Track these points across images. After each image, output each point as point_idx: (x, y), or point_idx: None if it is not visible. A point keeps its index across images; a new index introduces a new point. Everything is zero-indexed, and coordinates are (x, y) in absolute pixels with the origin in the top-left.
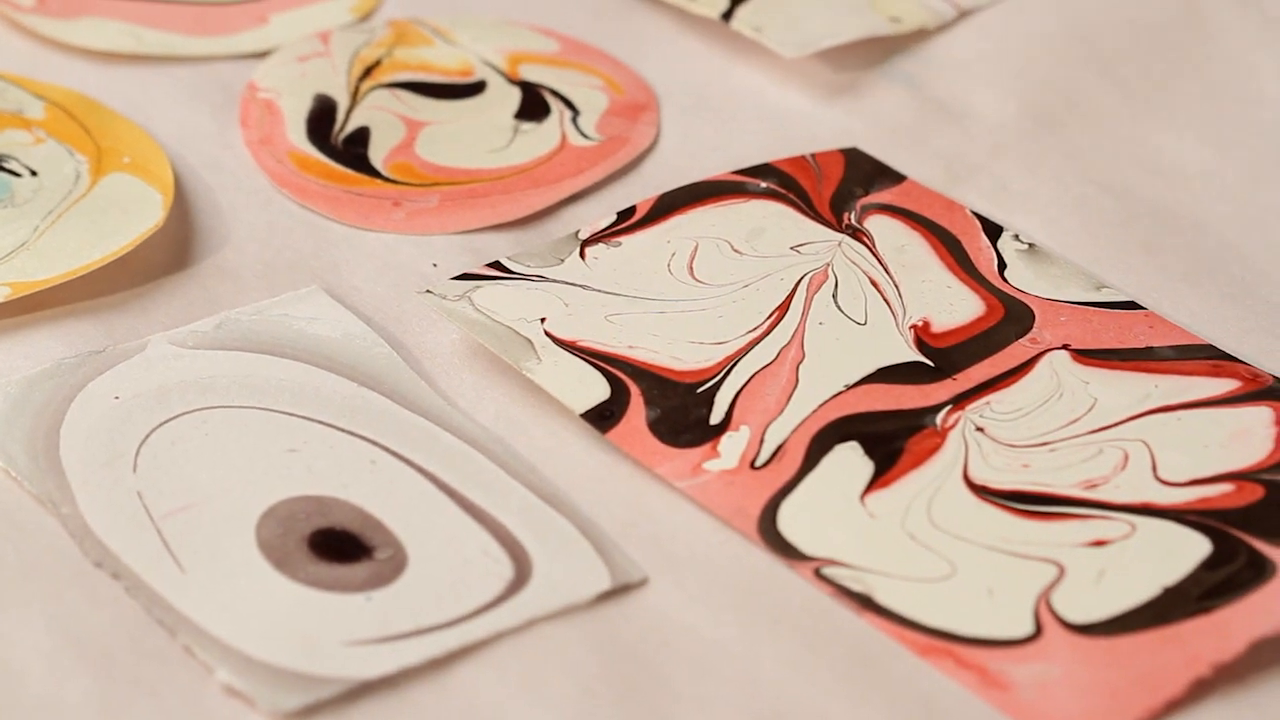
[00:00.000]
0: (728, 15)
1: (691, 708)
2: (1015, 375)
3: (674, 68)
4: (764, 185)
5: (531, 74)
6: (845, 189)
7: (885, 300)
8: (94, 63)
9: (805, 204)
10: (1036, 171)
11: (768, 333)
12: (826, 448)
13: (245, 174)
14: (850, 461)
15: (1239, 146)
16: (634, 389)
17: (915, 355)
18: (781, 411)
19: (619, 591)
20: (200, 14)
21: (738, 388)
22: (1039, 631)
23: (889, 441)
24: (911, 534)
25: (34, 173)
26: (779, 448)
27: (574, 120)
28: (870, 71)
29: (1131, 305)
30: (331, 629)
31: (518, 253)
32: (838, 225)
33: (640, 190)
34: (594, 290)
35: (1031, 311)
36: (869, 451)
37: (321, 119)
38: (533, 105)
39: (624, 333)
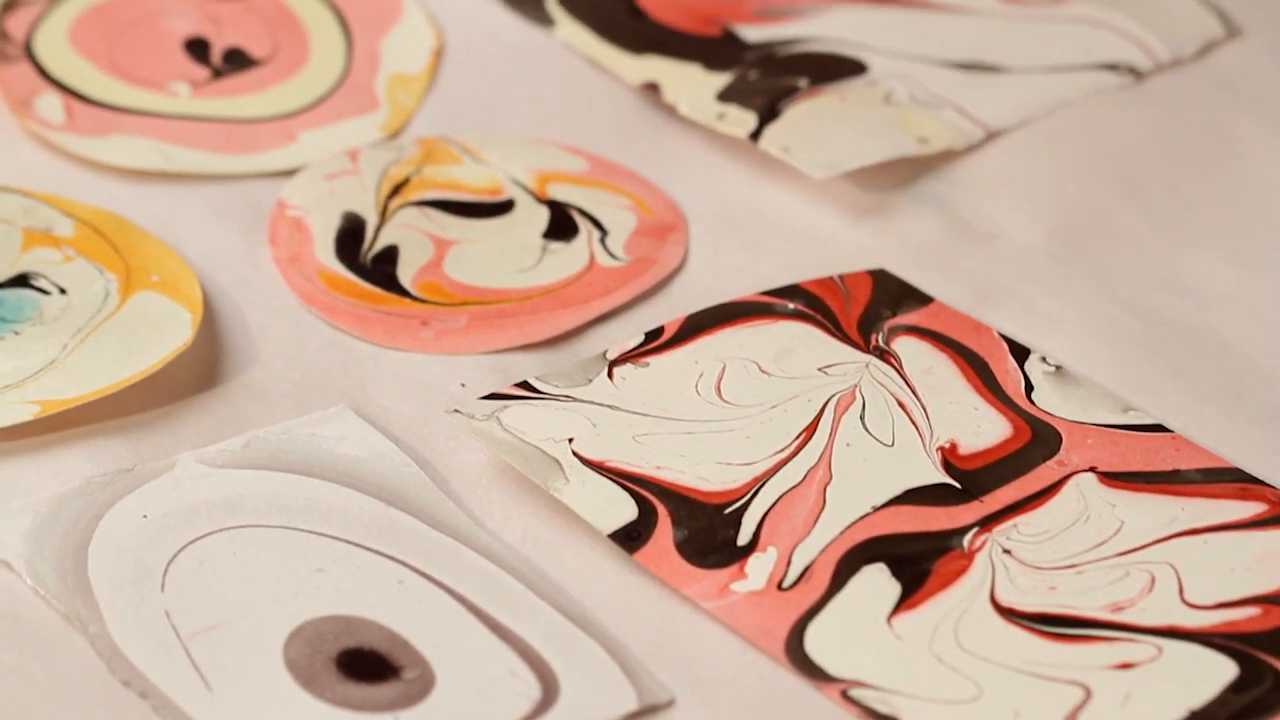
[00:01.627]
0: (756, 135)
1: None
2: (1042, 497)
3: (702, 187)
4: (792, 306)
5: (560, 193)
6: (873, 310)
7: (912, 422)
8: (123, 180)
9: (833, 325)
10: (1064, 293)
11: (795, 454)
12: (854, 569)
13: (274, 292)
14: (877, 583)
15: (1267, 268)
16: (661, 510)
17: (942, 477)
18: (809, 533)
19: (646, 712)
20: (229, 132)
21: (765, 509)
22: None
23: (916, 563)
24: (939, 656)
25: (63, 291)
26: (806, 569)
27: (602, 240)
28: (898, 192)
29: (1158, 428)
30: None
31: (545, 373)
32: (865, 346)
33: (668, 311)
34: (622, 411)
35: (1058, 434)
36: (896, 573)
37: (350, 237)
38: (561, 225)
39: (651, 453)
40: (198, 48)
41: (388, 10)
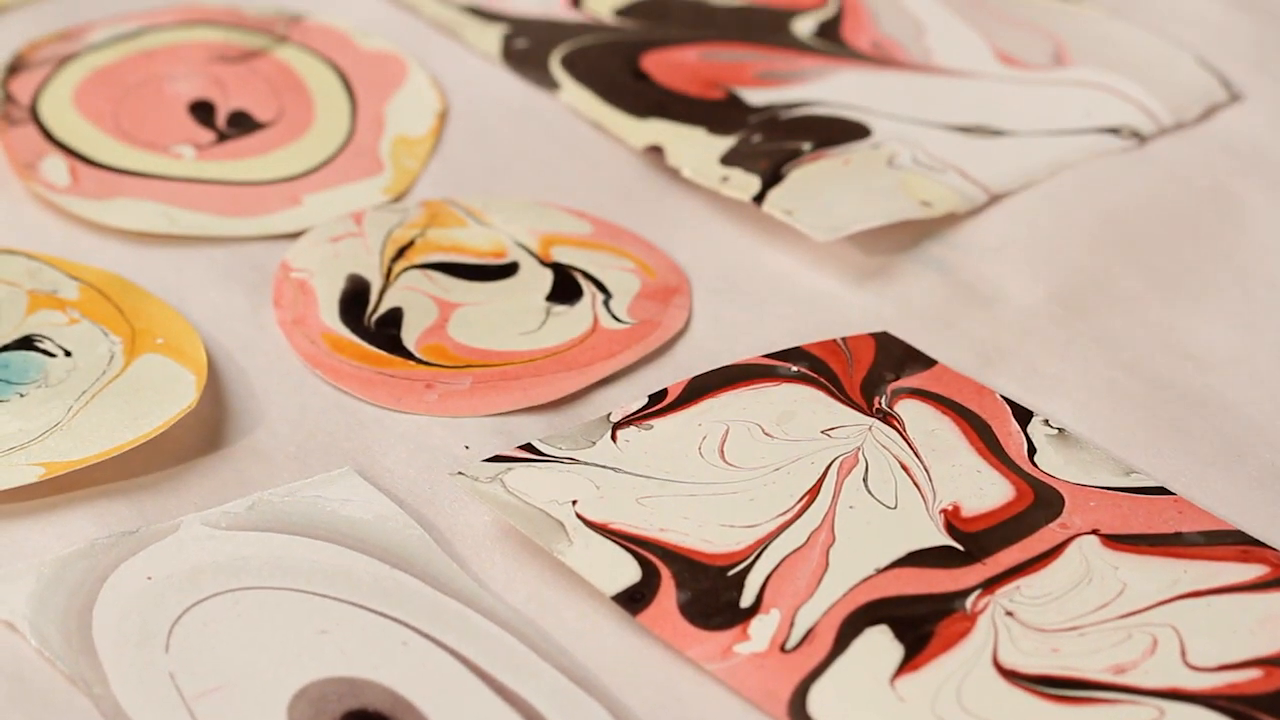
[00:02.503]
0: (759, 198)
1: None
2: (1045, 560)
3: (705, 250)
4: (795, 369)
5: (564, 256)
6: (876, 373)
7: (915, 484)
8: (128, 243)
9: (836, 388)
10: (1067, 356)
11: (798, 516)
12: (857, 631)
13: (278, 355)
14: (880, 645)
15: (1269, 331)
16: (665, 571)
17: (945, 539)
18: (812, 595)
19: None
20: (233, 194)
21: (768, 571)
22: None
23: (919, 625)
24: (941, 718)
25: (68, 353)
26: (809, 631)
27: (606, 303)
28: (901, 255)
29: (1161, 490)
30: None
31: (549, 435)
32: (868, 409)
33: (672, 373)
34: (625, 473)
35: (1061, 496)
36: (899, 635)
37: (354, 299)
38: (565, 287)
39: (655, 515)
40: (203, 111)
41: (392, 74)
